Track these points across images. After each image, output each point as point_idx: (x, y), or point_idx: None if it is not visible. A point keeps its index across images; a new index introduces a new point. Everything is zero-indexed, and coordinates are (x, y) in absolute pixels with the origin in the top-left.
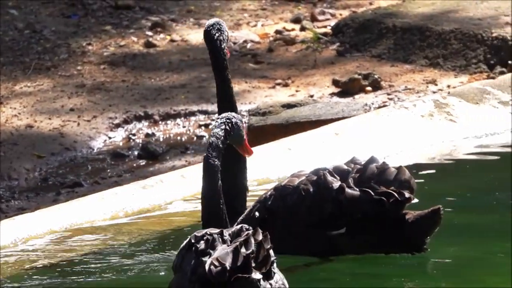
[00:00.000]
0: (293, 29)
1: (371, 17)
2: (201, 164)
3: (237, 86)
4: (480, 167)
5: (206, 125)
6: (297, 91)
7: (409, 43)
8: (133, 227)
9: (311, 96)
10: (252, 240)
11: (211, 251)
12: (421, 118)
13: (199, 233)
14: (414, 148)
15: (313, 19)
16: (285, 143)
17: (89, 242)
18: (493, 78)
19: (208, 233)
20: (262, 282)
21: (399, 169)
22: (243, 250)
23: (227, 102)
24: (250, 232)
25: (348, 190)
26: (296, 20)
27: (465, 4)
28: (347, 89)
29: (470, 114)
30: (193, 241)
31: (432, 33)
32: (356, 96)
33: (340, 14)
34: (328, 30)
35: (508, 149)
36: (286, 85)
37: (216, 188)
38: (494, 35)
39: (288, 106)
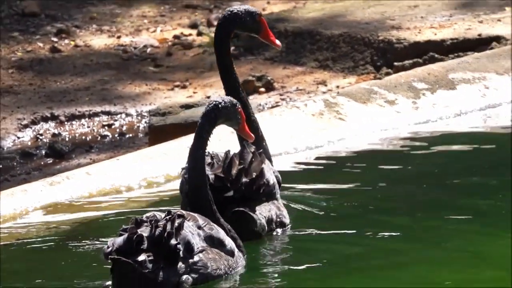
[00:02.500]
0: (190, 34)
1: None
2: (105, 162)
3: (137, 88)
4: (369, 162)
5: (109, 125)
6: (194, 92)
7: (300, 46)
8: (41, 221)
9: (208, 97)
10: (160, 225)
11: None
12: (312, 117)
13: (147, 214)
14: (305, 145)
15: (209, 24)
16: (184, 142)
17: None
18: (379, 78)
19: (146, 216)
20: (147, 264)
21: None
22: (141, 234)
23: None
24: (169, 217)
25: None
26: (193, 26)
27: (353, 9)
28: None
29: (358, 112)
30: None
31: (322, 37)
32: (251, 97)
33: None
34: None
35: (397, 145)
36: (184, 87)
37: (202, 164)
38: (380, 38)
39: (187, 106)
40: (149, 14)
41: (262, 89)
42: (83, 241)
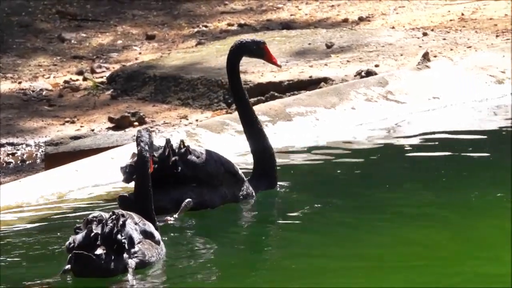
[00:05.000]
0: (77, 80)
1: (136, 69)
2: (10, 184)
3: (35, 124)
4: None
5: (13, 154)
6: (81, 126)
7: (166, 88)
8: None
9: (93, 130)
10: (109, 224)
11: (79, 230)
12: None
13: (93, 214)
14: None
15: (93, 71)
16: (74, 166)
17: None
18: (230, 113)
19: (92, 216)
20: (103, 256)
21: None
22: (95, 232)
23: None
24: (115, 216)
25: None
26: (80, 73)
27: (208, 58)
28: (119, 124)
29: (214, 141)
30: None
31: (183, 80)
32: (127, 130)
33: (113, 67)
34: (104, 79)
35: (246, 167)
36: (73, 122)
37: (148, 179)
38: None
39: (75, 138)
40: (44, 63)
41: (136, 123)
42: None
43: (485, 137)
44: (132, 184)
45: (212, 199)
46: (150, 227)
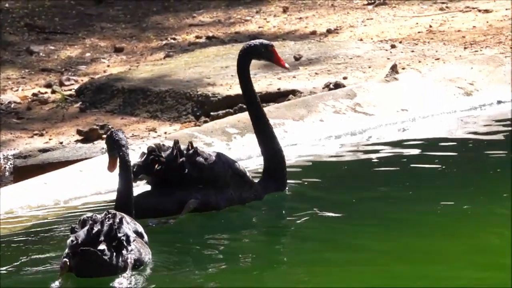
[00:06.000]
0: (46, 92)
1: (105, 81)
2: None
3: (4, 137)
4: None
5: None
6: (50, 139)
7: (135, 100)
8: None
9: (61, 143)
10: (107, 222)
11: (78, 230)
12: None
13: (82, 217)
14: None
15: (61, 84)
16: (43, 179)
17: None
18: (199, 125)
19: (85, 217)
20: (106, 252)
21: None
22: (95, 229)
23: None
24: (110, 215)
25: None
26: (48, 85)
27: (176, 70)
28: (88, 137)
29: None
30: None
31: (152, 93)
32: (95, 142)
33: (82, 80)
34: (73, 92)
35: None
36: (41, 135)
37: (130, 182)
38: (199, 93)
39: (44, 150)
40: (12, 76)
41: (104, 136)
42: None
43: (454, 147)
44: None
45: (218, 201)
46: (140, 227)
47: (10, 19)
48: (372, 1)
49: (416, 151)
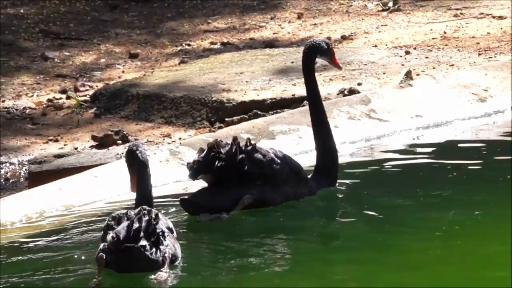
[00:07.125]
0: (61, 98)
1: (120, 87)
2: None
3: (19, 142)
4: None
5: None
6: (65, 145)
7: (149, 106)
8: None
9: (76, 148)
10: (144, 218)
11: (115, 226)
12: (159, 163)
13: (114, 213)
14: (157, 183)
15: (76, 90)
16: (57, 184)
17: None
18: (213, 131)
19: (118, 213)
20: (148, 248)
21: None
22: (135, 225)
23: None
24: (146, 211)
25: None
26: (63, 91)
27: (191, 76)
28: (103, 142)
29: None
30: (108, 220)
31: (167, 99)
32: (110, 148)
33: (96, 86)
34: (87, 98)
35: None
36: (56, 140)
37: (149, 181)
38: (213, 99)
39: (59, 156)
40: (27, 82)
41: (119, 141)
42: None
43: (470, 154)
44: (165, 186)
45: (274, 197)
46: (170, 223)
47: (25, 25)
48: (387, 8)
49: (430, 157)
